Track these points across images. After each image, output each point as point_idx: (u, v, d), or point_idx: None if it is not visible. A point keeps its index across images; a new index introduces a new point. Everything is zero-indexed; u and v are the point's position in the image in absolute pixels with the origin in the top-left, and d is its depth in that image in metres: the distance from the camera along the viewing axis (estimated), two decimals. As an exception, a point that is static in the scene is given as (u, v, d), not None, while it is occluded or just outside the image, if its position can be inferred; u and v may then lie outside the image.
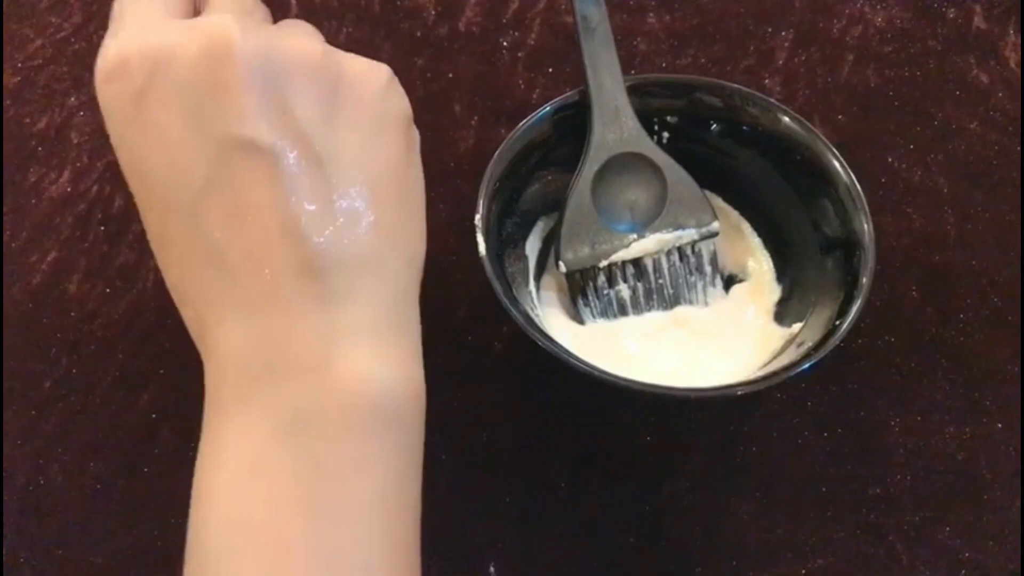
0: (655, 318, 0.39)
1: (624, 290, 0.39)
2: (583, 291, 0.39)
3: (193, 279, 0.27)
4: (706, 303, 0.40)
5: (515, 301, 0.34)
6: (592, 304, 0.39)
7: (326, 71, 0.28)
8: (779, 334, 0.38)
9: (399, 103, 0.30)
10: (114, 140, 0.28)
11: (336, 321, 0.26)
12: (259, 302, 0.26)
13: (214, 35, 0.26)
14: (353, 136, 0.28)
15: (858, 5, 0.52)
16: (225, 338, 0.26)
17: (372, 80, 0.29)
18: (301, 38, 0.29)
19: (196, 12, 0.30)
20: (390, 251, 0.28)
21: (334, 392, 0.25)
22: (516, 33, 0.50)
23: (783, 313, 0.39)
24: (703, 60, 0.50)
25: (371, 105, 0.29)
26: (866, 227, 0.36)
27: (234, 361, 0.26)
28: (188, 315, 0.28)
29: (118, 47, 0.27)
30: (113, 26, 0.28)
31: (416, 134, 0.31)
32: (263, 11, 0.31)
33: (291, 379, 0.25)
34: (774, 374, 0.33)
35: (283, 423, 0.25)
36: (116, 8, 0.29)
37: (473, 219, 0.35)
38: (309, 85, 0.27)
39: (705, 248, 0.39)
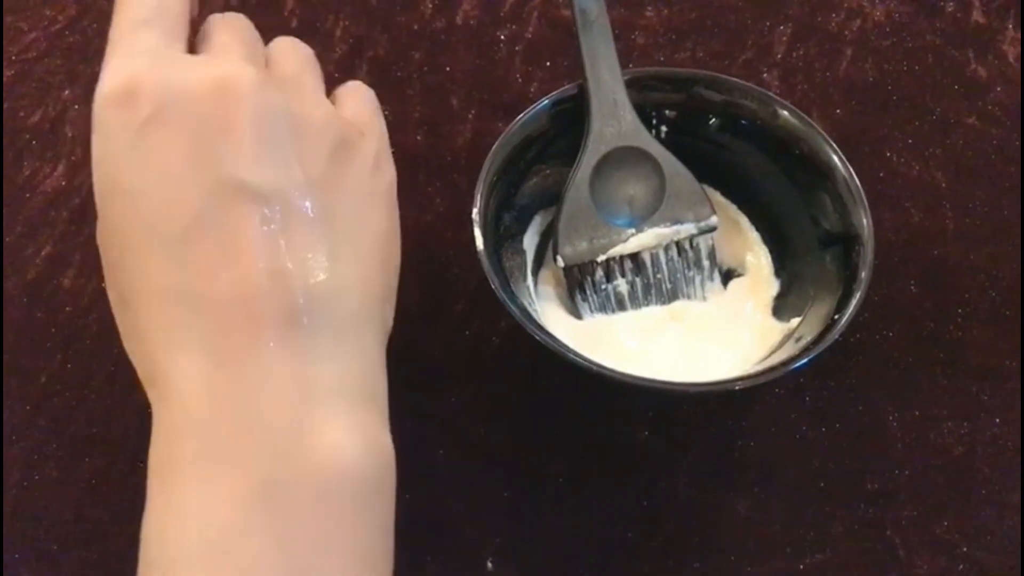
0: (653, 313, 0.39)
1: (622, 285, 0.39)
2: (581, 286, 0.39)
3: (159, 316, 0.25)
4: (704, 298, 0.40)
5: (513, 296, 0.34)
6: (590, 299, 0.39)
7: (328, 132, 0.29)
8: (777, 329, 0.38)
9: (390, 173, 0.31)
10: (102, 162, 0.27)
11: (312, 380, 0.25)
12: (234, 348, 0.24)
13: (228, 77, 0.27)
14: (347, 200, 0.28)
15: (856, -1, 0.52)
16: (188, 385, 0.24)
17: (368, 148, 0.30)
18: (310, 94, 0.29)
19: (191, 48, 0.30)
20: (369, 317, 0.28)
21: (309, 461, 0.24)
22: (514, 26, 0.50)
23: (781, 308, 0.39)
24: (701, 54, 0.49)
25: (366, 174, 0.30)
26: (865, 221, 0.36)
27: (198, 412, 0.24)
28: (140, 353, 0.26)
29: (129, 73, 0.26)
30: (119, 49, 0.28)
31: (397, 206, 0.32)
32: (260, 43, 0.32)
33: (263, 441, 0.24)
34: (772, 369, 0.33)
35: (254, 491, 0.23)
36: (118, 32, 0.28)
37: (470, 213, 0.35)
38: (312, 143, 0.28)
39: (703, 242, 0.39)
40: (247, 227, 0.25)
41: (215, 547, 0.23)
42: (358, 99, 0.33)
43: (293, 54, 0.32)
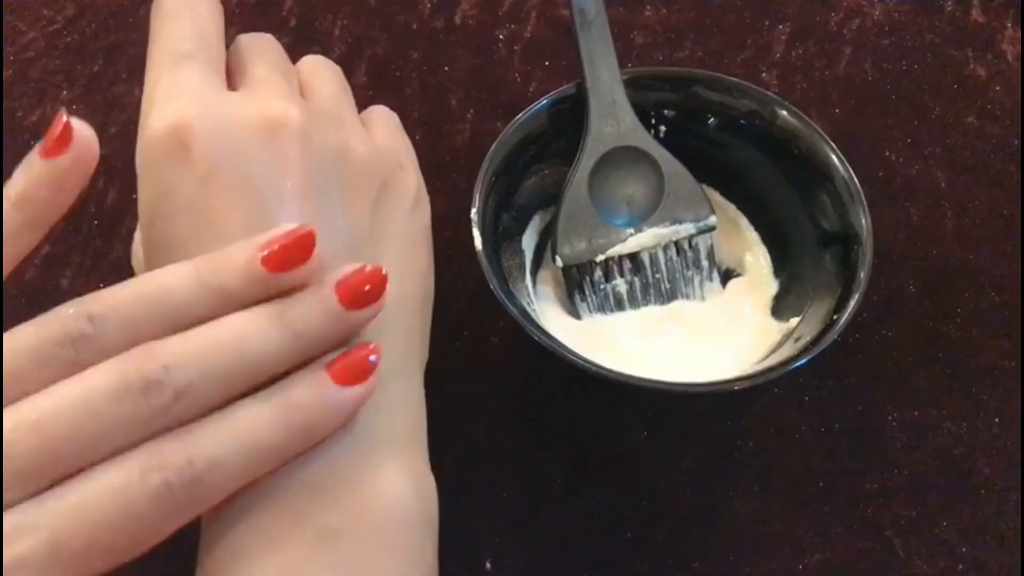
0: (652, 313, 0.39)
1: (621, 285, 0.39)
2: (580, 286, 0.38)
3: None
4: (703, 298, 0.40)
5: (511, 296, 0.34)
6: (589, 299, 0.39)
7: (373, 172, 0.29)
8: (776, 328, 0.38)
9: (427, 209, 0.32)
10: (160, 218, 0.26)
11: (363, 427, 0.25)
12: None
13: (275, 120, 0.27)
14: (392, 246, 0.29)
15: (856, -2, 0.52)
16: None
17: (409, 185, 0.30)
18: (351, 126, 0.29)
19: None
20: (413, 359, 0.29)
21: (364, 506, 0.25)
22: (512, 26, 0.50)
23: (780, 307, 0.39)
24: (700, 53, 0.49)
25: (407, 214, 0.30)
26: (864, 221, 0.36)
27: None
28: None
29: (177, 118, 0.26)
30: (161, 90, 0.27)
31: (431, 241, 0.32)
32: (292, 67, 0.32)
33: (323, 488, 0.25)
34: (771, 369, 0.33)
35: (313, 535, 0.24)
36: (158, 69, 0.28)
37: (469, 213, 0.35)
38: (358, 186, 0.28)
39: (702, 242, 0.39)
40: None
41: None
42: (385, 124, 0.33)
43: (327, 76, 0.32)
